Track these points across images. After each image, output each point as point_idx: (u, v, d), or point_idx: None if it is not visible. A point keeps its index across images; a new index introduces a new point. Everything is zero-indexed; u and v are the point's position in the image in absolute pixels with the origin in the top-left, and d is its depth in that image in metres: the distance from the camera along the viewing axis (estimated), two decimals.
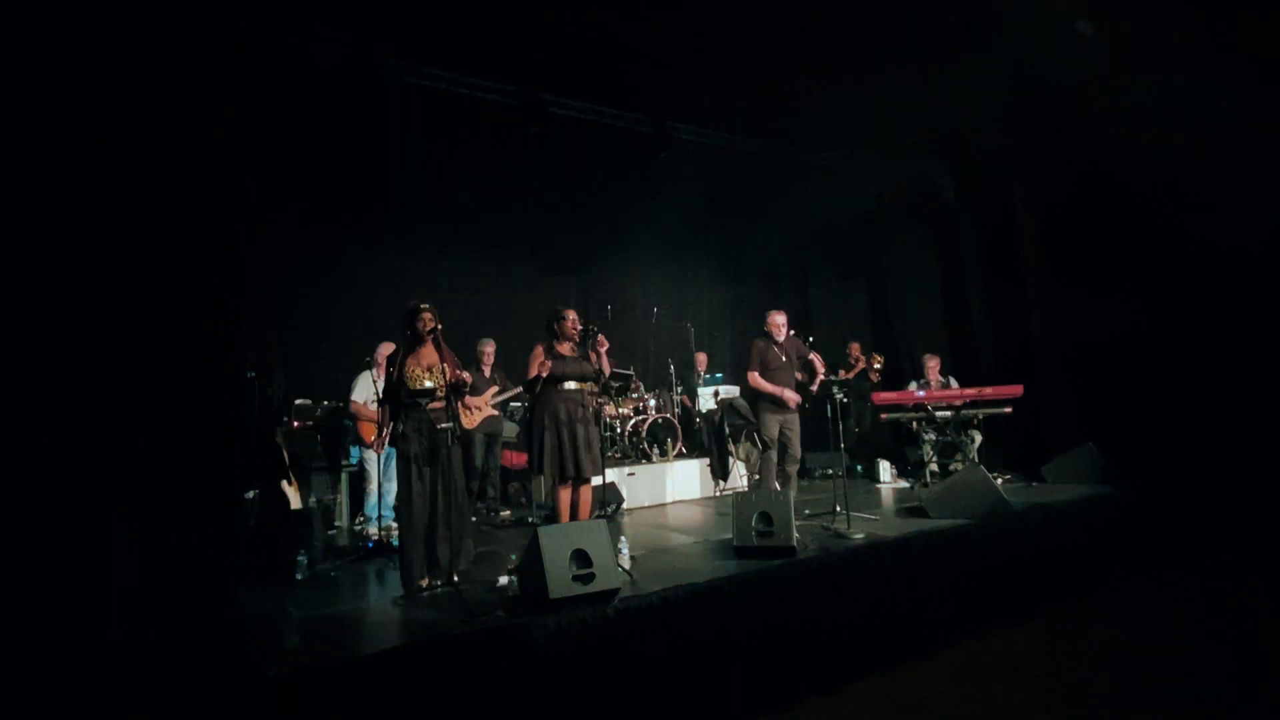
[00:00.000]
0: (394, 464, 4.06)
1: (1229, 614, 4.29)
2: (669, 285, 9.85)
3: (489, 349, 6.27)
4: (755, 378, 5.36)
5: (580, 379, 4.27)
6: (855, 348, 8.23)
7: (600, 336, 4.34)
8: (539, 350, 4.26)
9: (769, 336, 5.43)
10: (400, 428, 3.69)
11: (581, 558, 3.05)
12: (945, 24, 5.31)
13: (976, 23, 5.25)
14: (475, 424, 5.94)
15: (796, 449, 5.38)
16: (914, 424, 6.87)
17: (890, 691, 3.43)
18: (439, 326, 3.81)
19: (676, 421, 7.28)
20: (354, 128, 6.11)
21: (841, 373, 7.95)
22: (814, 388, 5.41)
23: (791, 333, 5.52)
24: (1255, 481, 5.38)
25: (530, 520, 5.59)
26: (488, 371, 6.22)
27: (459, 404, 3.84)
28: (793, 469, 5.41)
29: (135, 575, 2.72)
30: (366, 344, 5.45)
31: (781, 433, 5.32)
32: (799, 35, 5.28)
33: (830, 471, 7.12)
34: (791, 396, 5.27)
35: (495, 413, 6.15)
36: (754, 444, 5.70)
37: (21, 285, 2.65)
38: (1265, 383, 5.52)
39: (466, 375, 3.88)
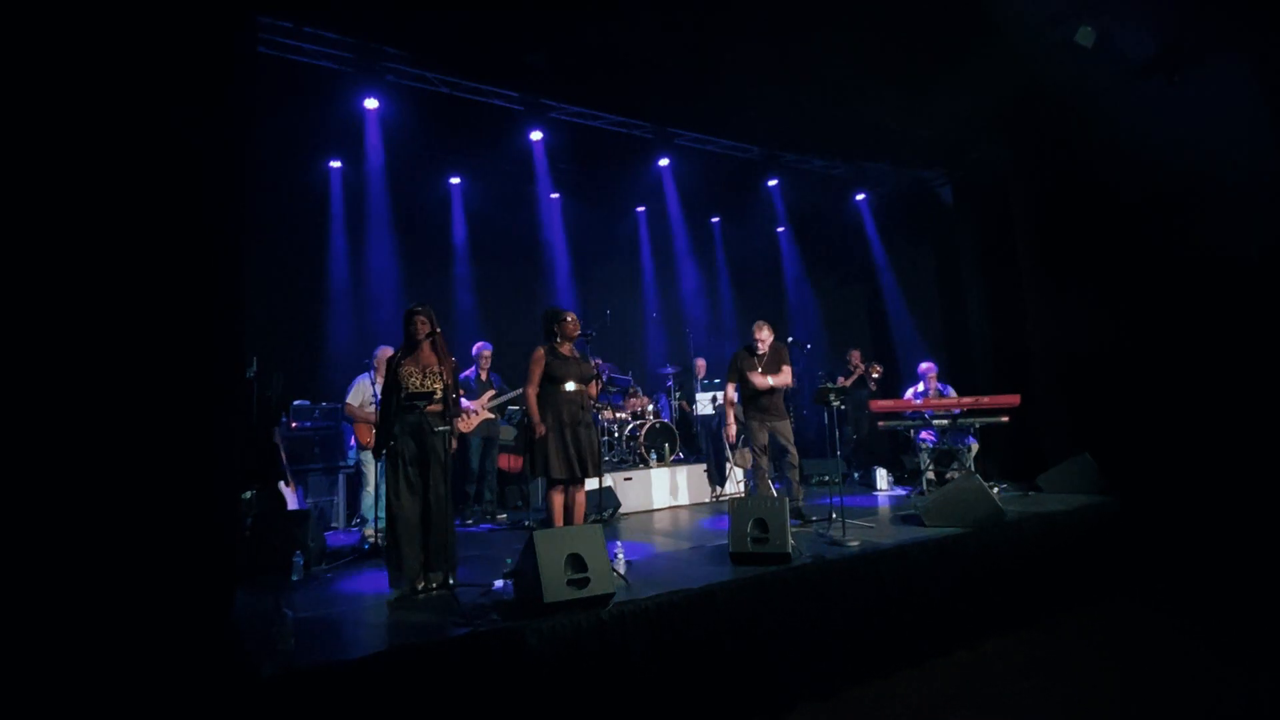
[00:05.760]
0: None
1: (1221, 625, 4.29)
2: (668, 290, 9.87)
3: (486, 352, 6.28)
4: (729, 391, 5.49)
5: (581, 380, 4.26)
6: (855, 355, 8.22)
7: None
8: (540, 352, 4.22)
9: (750, 348, 5.42)
10: (392, 429, 3.68)
11: (577, 562, 3.05)
12: (943, 34, 5.34)
13: (974, 32, 5.28)
14: (472, 427, 5.95)
15: (793, 453, 5.33)
16: (911, 432, 6.88)
17: (884, 700, 3.44)
18: (436, 330, 3.81)
19: (674, 427, 7.29)
20: (353, 130, 6.17)
21: (841, 380, 7.96)
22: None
23: (772, 340, 5.42)
24: (1250, 492, 5.38)
25: (526, 524, 5.59)
26: (484, 375, 6.22)
27: (455, 407, 3.83)
28: (793, 474, 5.36)
29: (131, 575, 2.73)
30: (365, 347, 5.47)
31: (772, 439, 5.30)
32: (800, 46, 5.31)
33: (827, 478, 7.13)
34: (730, 432, 5.64)
35: (492, 416, 6.16)
36: (752, 450, 5.70)
37: (19, 287, 2.66)
38: (1261, 393, 5.53)
39: (457, 389, 3.87)
